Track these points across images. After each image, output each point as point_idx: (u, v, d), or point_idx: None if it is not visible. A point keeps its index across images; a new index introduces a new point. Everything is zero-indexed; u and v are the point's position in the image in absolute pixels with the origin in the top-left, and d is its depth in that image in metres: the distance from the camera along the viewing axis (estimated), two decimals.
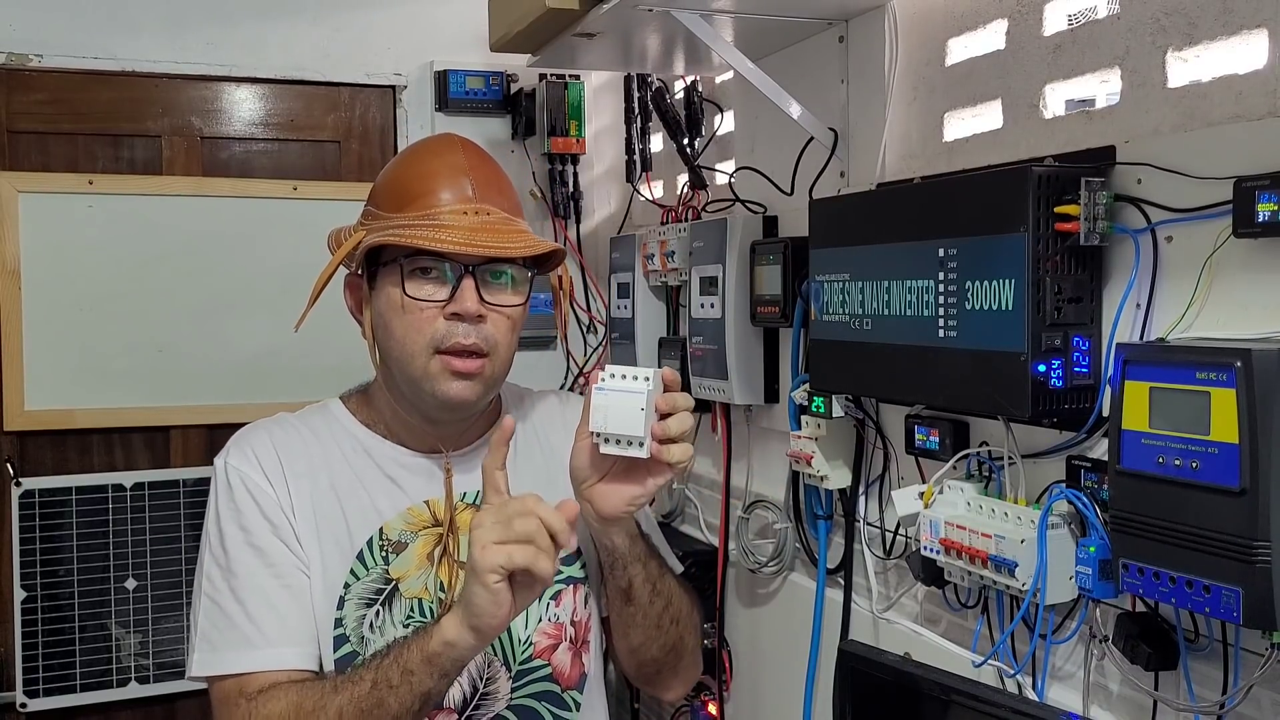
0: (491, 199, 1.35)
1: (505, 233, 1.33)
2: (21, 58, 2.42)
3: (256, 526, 1.32)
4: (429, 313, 1.31)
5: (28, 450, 2.45)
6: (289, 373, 2.54)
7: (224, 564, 1.32)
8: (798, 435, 1.70)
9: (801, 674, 1.78)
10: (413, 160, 1.40)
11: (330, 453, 1.38)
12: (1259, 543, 0.94)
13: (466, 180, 1.34)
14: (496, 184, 1.38)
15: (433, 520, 1.38)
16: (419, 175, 1.35)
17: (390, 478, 1.38)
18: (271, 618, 1.30)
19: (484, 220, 1.32)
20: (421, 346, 1.31)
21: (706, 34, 1.67)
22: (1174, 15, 1.16)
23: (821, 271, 1.56)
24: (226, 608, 1.30)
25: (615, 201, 2.68)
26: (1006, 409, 1.25)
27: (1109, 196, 1.19)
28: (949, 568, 1.33)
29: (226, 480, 1.34)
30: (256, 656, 1.28)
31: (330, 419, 1.42)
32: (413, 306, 1.31)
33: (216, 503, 1.35)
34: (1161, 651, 1.13)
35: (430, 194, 1.33)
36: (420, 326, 1.31)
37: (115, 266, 2.48)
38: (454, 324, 1.30)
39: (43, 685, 2.38)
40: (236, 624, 1.29)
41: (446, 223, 1.30)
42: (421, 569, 1.36)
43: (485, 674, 1.36)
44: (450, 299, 1.30)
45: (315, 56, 2.62)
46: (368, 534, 1.35)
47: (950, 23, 1.51)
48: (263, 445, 1.36)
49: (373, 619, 1.33)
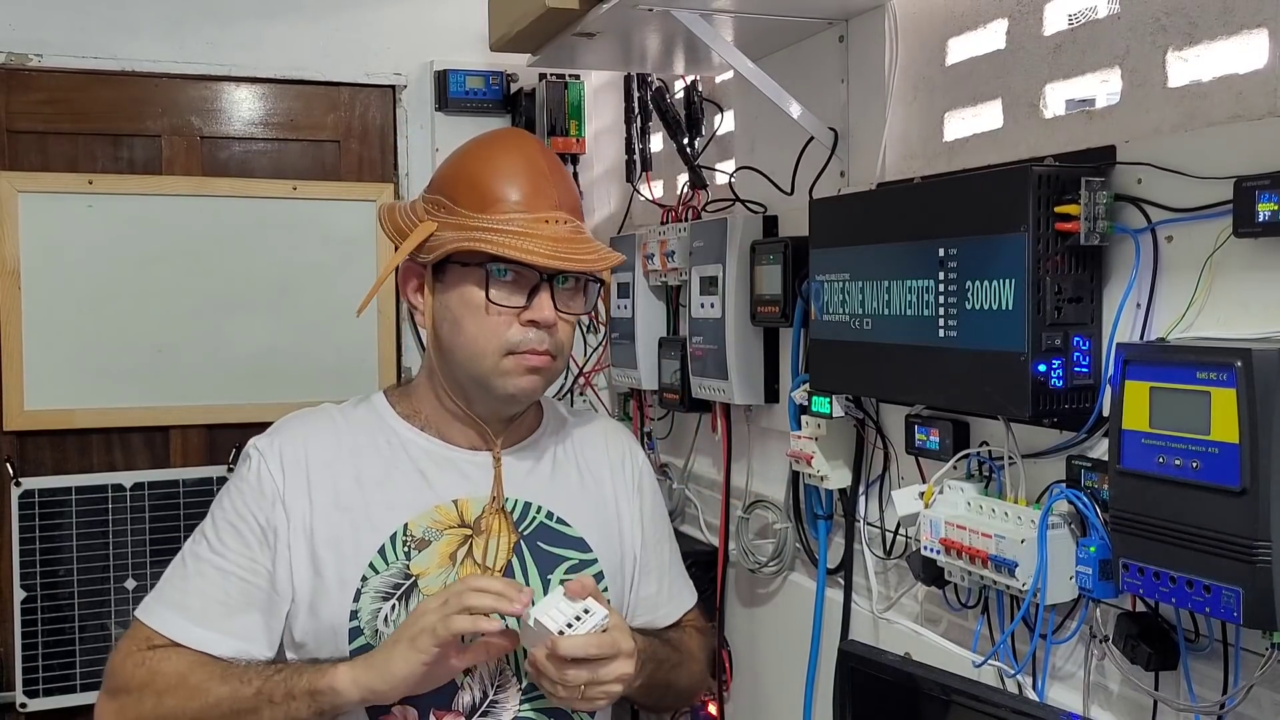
0: (569, 206, 1.38)
1: (580, 243, 1.36)
2: (21, 57, 2.42)
3: (247, 516, 1.36)
4: (505, 317, 1.34)
5: (27, 450, 2.45)
6: (288, 372, 2.54)
7: (207, 533, 1.38)
8: (798, 435, 1.70)
9: (801, 674, 1.78)
10: (488, 157, 1.39)
11: (363, 444, 1.41)
12: (1259, 543, 0.94)
13: (549, 186, 1.36)
14: (571, 191, 1.42)
15: (459, 521, 1.39)
16: (502, 176, 1.36)
17: (421, 473, 1.40)
18: (216, 601, 1.34)
19: (561, 229, 1.35)
20: (494, 348, 1.34)
21: (706, 34, 1.67)
22: (1174, 15, 1.16)
23: (821, 271, 1.56)
24: (188, 571, 1.36)
25: (615, 201, 2.68)
26: (1007, 409, 1.25)
27: (1109, 196, 1.19)
28: (949, 568, 1.33)
29: (247, 463, 1.40)
30: (185, 630, 1.33)
31: (370, 410, 1.45)
32: (494, 310, 1.34)
33: (231, 479, 1.41)
34: (1162, 651, 1.13)
35: (515, 197, 1.35)
36: (497, 329, 1.34)
37: (115, 266, 2.48)
38: (528, 329, 1.34)
39: (42, 685, 2.38)
40: (188, 590, 1.35)
41: (533, 231, 1.33)
42: (443, 568, 1.36)
43: (496, 681, 1.37)
44: (527, 306, 1.34)
45: (315, 56, 2.62)
46: (392, 529, 1.37)
47: (950, 22, 1.50)
48: (293, 438, 1.40)
49: (388, 613, 1.34)
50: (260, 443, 1.40)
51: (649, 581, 1.52)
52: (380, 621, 1.33)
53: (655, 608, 1.53)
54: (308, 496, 1.36)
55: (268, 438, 1.41)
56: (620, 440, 1.57)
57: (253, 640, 1.34)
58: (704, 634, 1.62)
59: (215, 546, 1.36)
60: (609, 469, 1.52)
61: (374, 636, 1.33)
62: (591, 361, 2.72)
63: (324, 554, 1.35)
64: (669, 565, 1.57)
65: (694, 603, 1.60)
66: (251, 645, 1.34)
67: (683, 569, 1.61)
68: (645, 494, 1.55)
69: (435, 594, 1.28)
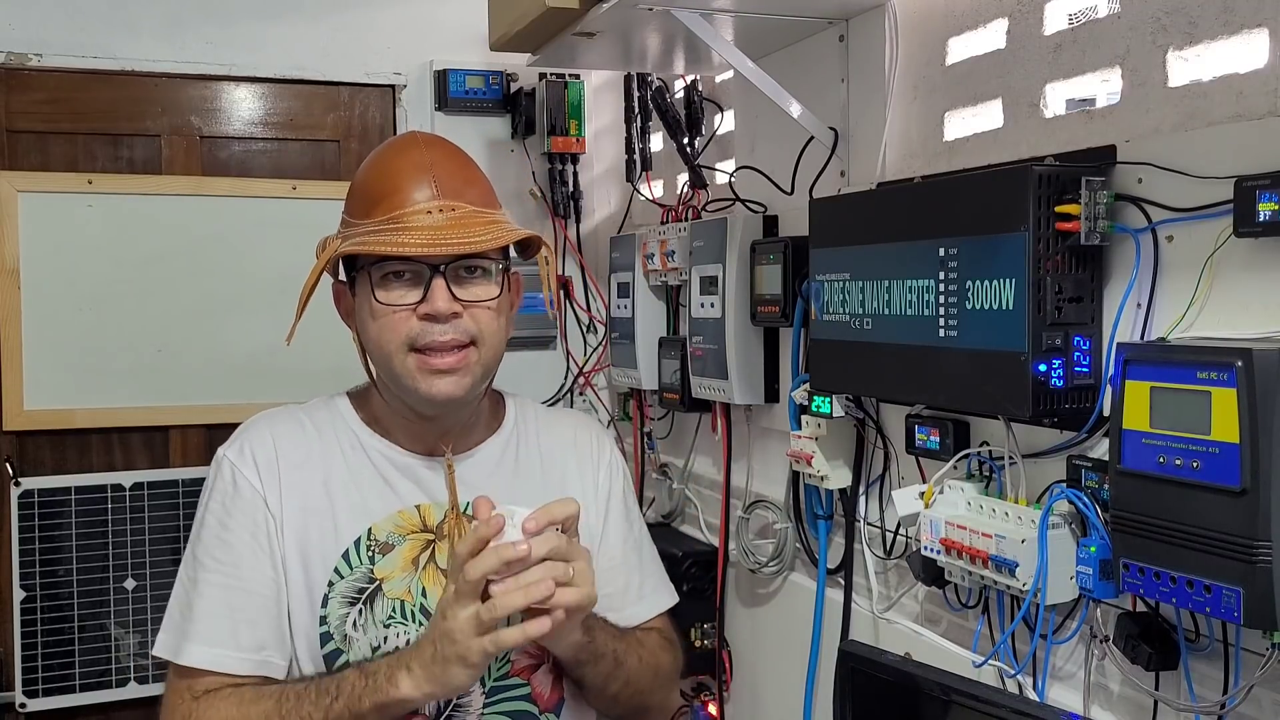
0: (458, 192, 1.33)
1: (473, 225, 1.31)
2: (21, 57, 2.42)
3: (235, 526, 1.33)
4: (402, 314, 1.31)
5: (27, 450, 2.45)
6: (288, 372, 2.52)
7: (198, 554, 1.34)
8: (798, 435, 1.70)
9: (802, 674, 1.78)
10: (375, 163, 1.39)
11: (329, 448, 1.39)
12: (1259, 542, 0.94)
13: (429, 177, 1.32)
14: (463, 175, 1.36)
15: (421, 526, 1.38)
16: (381, 177, 1.35)
17: (384, 478, 1.38)
18: (223, 617, 1.31)
19: (450, 217, 1.31)
20: (397, 346, 1.31)
21: (706, 33, 1.67)
22: (1174, 14, 1.16)
23: (822, 271, 1.56)
24: (190, 597, 1.33)
25: (615, 201, 2.68)
26: (1007, 409, 1.25)
27: (1110, 196, 1.19)
28: (949, 568, 1.33)
29: (219, 473, 1.37)
30: (202, 653, 1.30)
31: (334, 413, 1.43)
32: (384, 311, 1.31)
33: (209, 493, 1.37)
34: (1162, 651, 1.13)
35: (393, 195, 1.32)
36: (394, 328, 1.31)
37: (114, 266, 2.47)
38: (428, 324, 1.30)
39: (42, 685, 2.38)
40: (194, 615, 1.32)
41: (411, 224, 1.29)
42: (406, 572, 1.35)
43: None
44: (422, 300, 1.30)
45: (315, 56, 2.62)
46: (356, 533, 1.36)
47: (951, 22, 1.50)
48: (262, 441, 1.37)
49: (355, 618, 1.33)
50: (230, 451, 1.37)
51: (615, 577, 1.47)
52: (349, 626, 1.33)
53: (621, 605, 1.47)
54: (280, 498, 1.35)
55: (236, 444, 1.38)
56: (589, 436, 1.53)
57: (269, 647, 1.32)
58: (671, 643, 1.52)
59: (208, 564, 1.33)
60: (576, 465, 1.49)
61: (343, 642, 1.32)
62: (591, 361, 2.72)
63: (294, 557, 1.34)
64: (640, 564, 1.52)
65: (669, 605, 1.54)
66: (272, 654, 1.32)
67: (661, 570, 1.56)
68: (615, 492, 1.51)
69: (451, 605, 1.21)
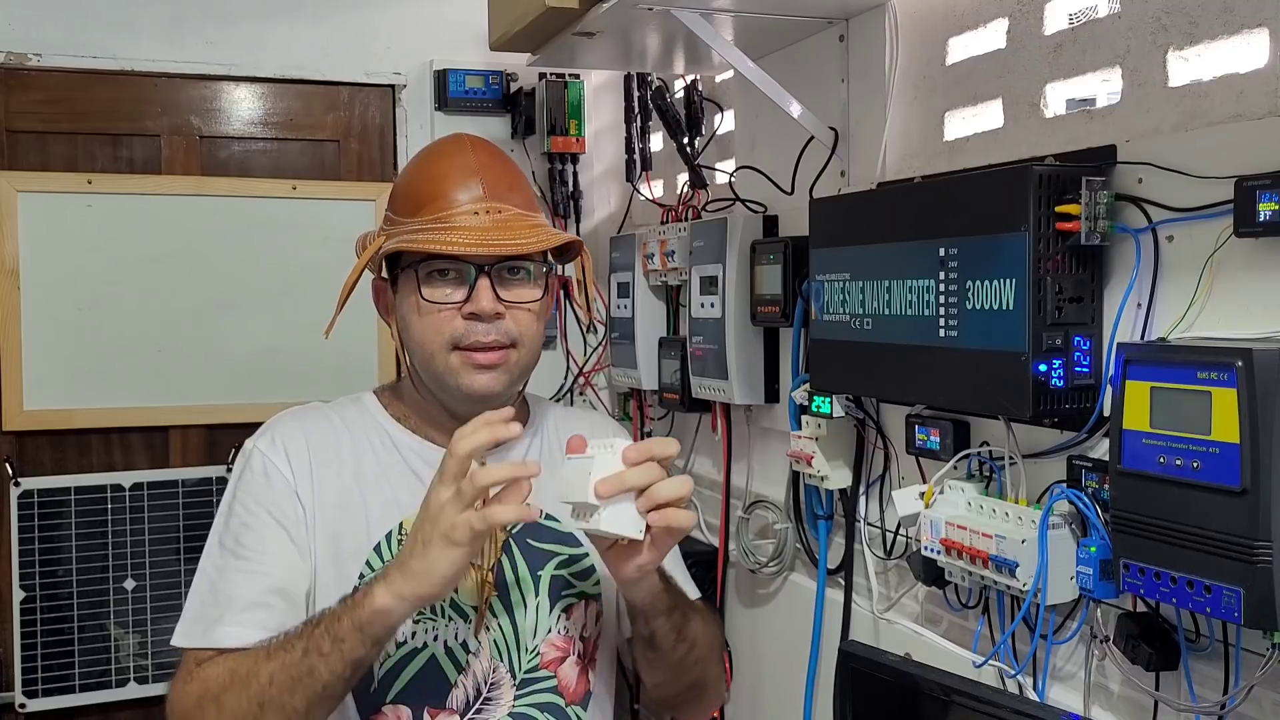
0: (503, 196, 1.37)
1: (519, 229, 1.35)
2: (20, 57, 2.42)
3: (264, 515, 1.34)
4: (447, 313, 1.33)
5: (26, 450, 2.45)
6: (288, 372, 2.53)
7: (225, 542, 1.34)
8: (798, 435, 1.69)
9: (802, 674, 1.78)
10: (424, 163, 1.42)
11: (359, 444, 1.40)
12: (1260, 543, 0.94)
13: (477, 180, 1.36)
14: (508, 180, 1.40)
15: None
16: (430, 178, 1.38)
17: (415, 473, 1.39)
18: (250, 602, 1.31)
19: (496, 219, 1.34)
20: (440, 345, 1.34)
21: (706, 33, 1.67)
22: (1175, 14, 1.16)
23: (822, 271, 1.56)
24: (215, 585, 1.33)
25: (615, 201, 2.68)
26: (1007, 409, 1.25)
27: (1110, 196, 1.19)
28: (949, 568, 1.33)
29: (250, 463, 1.37)
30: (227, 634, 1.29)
31: (362, 410, 1.45)
32: (429, 309, 1.33)
33: (236, 482, 1.38)
34: (1162, 652, 1.13)
35: (442, 196, 1.35)
36: (439, 326, 1.33)
37: (114, 266, 2.47)
38: (472, 323, 1.33)
39: (41, 685, 2.38)
40: (218, 601, 1.31)
41: (459, 224, 1.32)
42: None
43: (490, 679, 1.36)
44: (467, 299, 1.33)
45: (314, 55, 2.62)
46: (388, 527, 1.36)
47: (951, 22, 1.50)
48: (293, 433, 1.39)
49: None
50: (260, 442, 1.38)
51: None
52: None
53: None
54: (312, 490, 1.36)
55: (266, 435, 1.39)
56: (606, 431, 1.53)
57: None
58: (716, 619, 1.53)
59: (237, 552, 1.33)
60: None
61: None
62: (591, 361, 2.72)
63: (326, 549, 1.34)
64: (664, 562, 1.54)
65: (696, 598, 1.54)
66: None
67: (683, 568, 1.58)
68: None
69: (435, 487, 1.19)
